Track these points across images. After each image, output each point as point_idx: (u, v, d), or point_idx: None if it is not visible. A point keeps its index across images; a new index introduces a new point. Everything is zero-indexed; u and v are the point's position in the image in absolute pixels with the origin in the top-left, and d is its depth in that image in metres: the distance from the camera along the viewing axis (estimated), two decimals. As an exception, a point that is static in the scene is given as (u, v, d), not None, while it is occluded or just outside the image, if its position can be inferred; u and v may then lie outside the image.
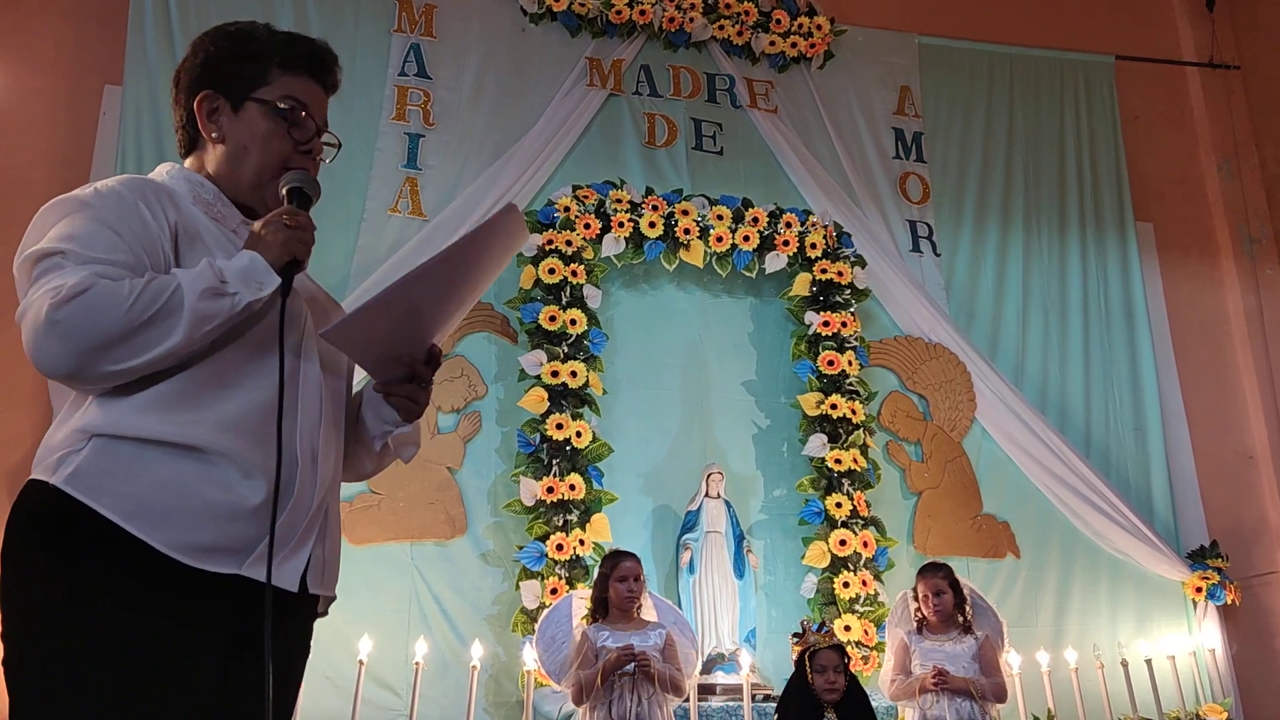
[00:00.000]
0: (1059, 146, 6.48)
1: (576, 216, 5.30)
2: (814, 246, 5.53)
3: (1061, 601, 5.53)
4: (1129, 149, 6.57)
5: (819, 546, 5.05)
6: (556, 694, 4.21)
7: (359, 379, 1.87)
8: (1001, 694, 4.07)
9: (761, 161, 5.91)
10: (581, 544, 4.73)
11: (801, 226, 5.57)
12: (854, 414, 5.26)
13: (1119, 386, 6.06)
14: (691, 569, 4.84)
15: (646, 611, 4.08)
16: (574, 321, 5.08)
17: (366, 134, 5.35)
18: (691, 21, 5.95)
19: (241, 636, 1.48)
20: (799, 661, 3.85)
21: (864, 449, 5.27)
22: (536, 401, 4.95)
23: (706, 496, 4.99)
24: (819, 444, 5.21)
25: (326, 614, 1.71)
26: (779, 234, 5.53)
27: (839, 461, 5.16)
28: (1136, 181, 6.53)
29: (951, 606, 4.19)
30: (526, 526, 4.81)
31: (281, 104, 1.69)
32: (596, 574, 4.15)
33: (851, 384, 5.33)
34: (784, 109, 6.03)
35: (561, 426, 4.89)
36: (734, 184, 5.74)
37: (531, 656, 4.13)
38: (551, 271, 5.15)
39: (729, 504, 5.02)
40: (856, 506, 5.10)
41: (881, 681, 4.32)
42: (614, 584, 3.95)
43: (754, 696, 4.22)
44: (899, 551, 5.28)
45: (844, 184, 5.96)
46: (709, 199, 5.55)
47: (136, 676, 1.38)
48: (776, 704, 4.02)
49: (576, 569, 4.69)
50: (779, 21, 6.11)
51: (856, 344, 5.43)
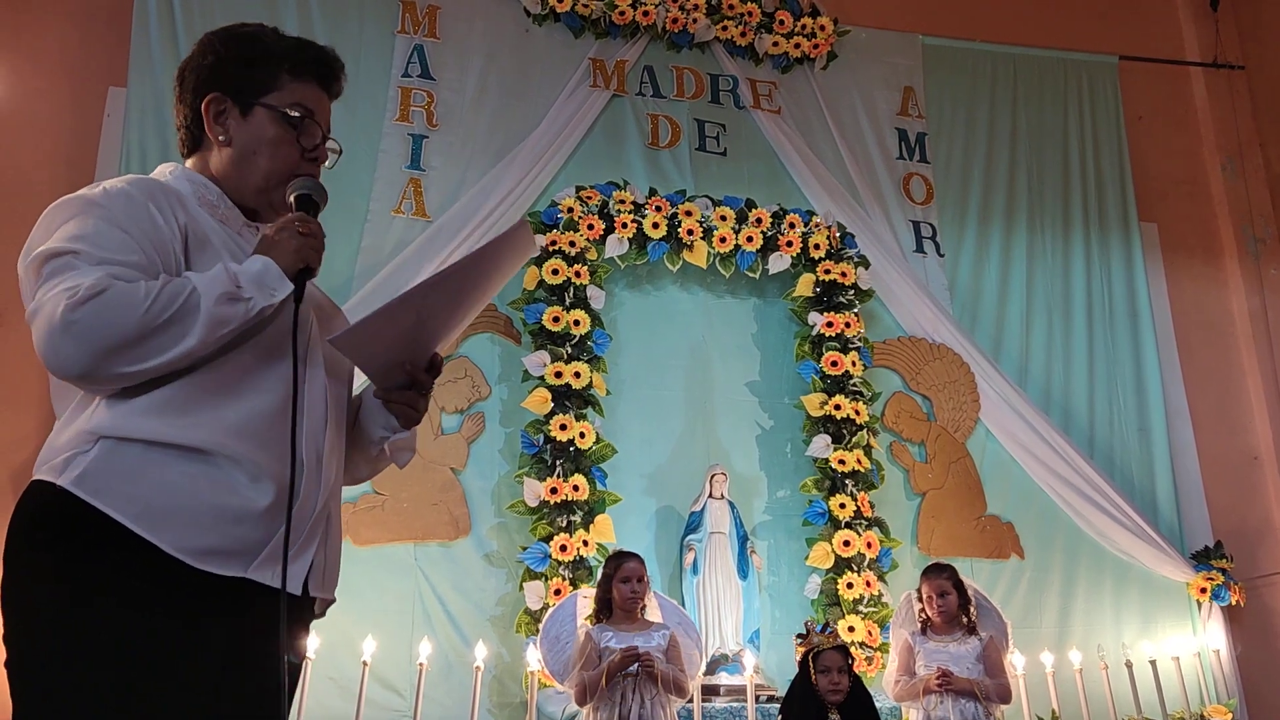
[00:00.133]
0: (1063, 147, 6.47)
1: (580, 217, 5.30)
2: (817, 247, 5.53)
3: (1066, 602, 5.52)
4: (1133, 149, 6.56)
5: (823, 547, 5.04)
6: (560, 695, 4.20)
7: (357, 383, 1.87)
8: (1006, 695, 4.07)
9: (765, 162, 5.90)
10: (585, 545, 4.73)
11: (805, 227, 5.57)
12: (858, 415, 5.26)
13: (1123, 387, 6.05)
14: (695, 570, 4.84)
15: (652, 612, 4.07)
16: (577, 322, 5.09)
17: (370, 135, 5.35)
18: (695, 22, 5.94)
19: (244, 638, 1.48)
20: (803, 662, 3.84)
21: (868, 450, 5.26)
22: (540, 402, 4.95)
23: (710, 497, 4.99)
24: (823, 445, 5.20)
25: (324, 616, 1.72)
26: (782, 235, 5.52)
27: (843, 462, 5.16)
28: (1140, 182, 6.52)
29: (956, 607, 4.19)
30: (530, 527, 4.82)
31: (291, 111, 1.70)
32: (600, 575, 4.15)
33: (855, 385, 5.33)
34: (787, 110, 6.03)
35: (565, 427, 4.89)
36: (737, 185, 5.74)
37: (535, 657, 4.13)
38: (555, 272, 5.15)
39: (733, 505, 5.01)
40: (860, 507, 5.10)
41: (885, 682, 4.32)
42: (617, 585, 3.95)
43: (757, 697, 4.22)
44: (903, 552, 5.28)
45: (847, 184, 5.96)
46: (712, 200, 5.55)
47: (140, 677, 1.38)
48: (780, 705, 4.01)
49: (580, 570, 4.69)
50: (782, 22, 6.11)
51: (860, 345, 5.43)
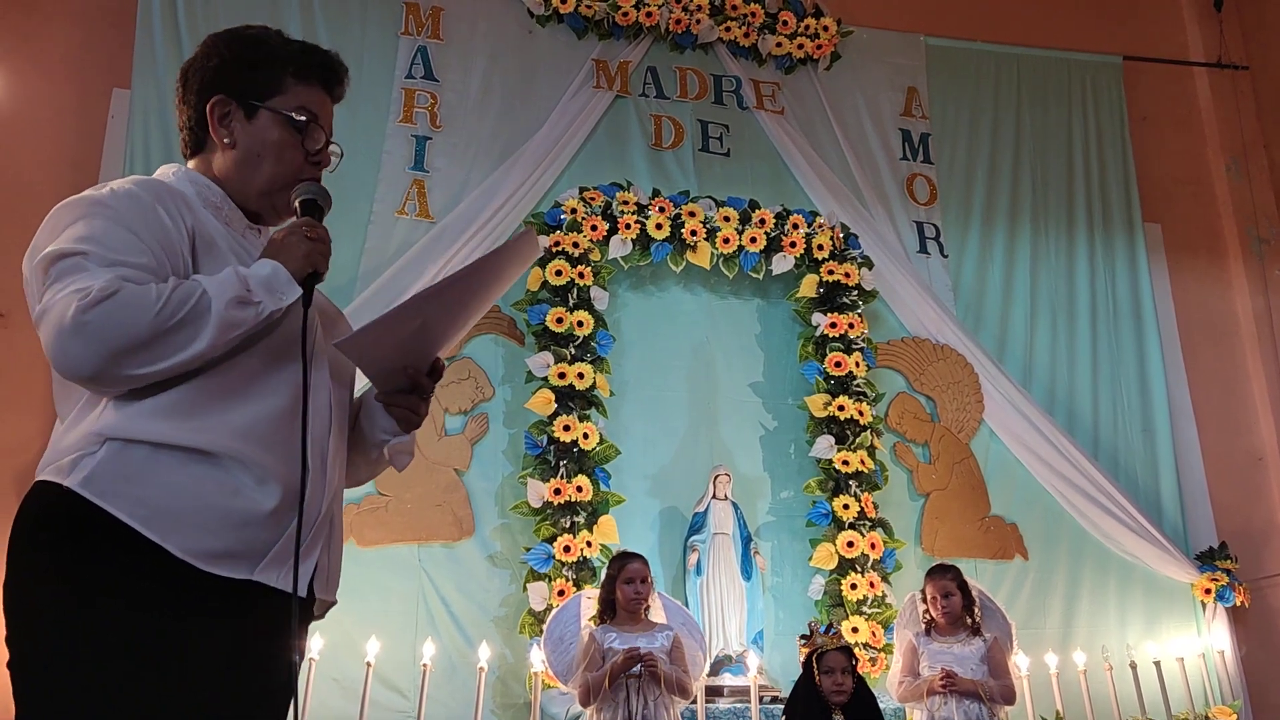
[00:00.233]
0: (1066, 147, 6.46)
1: (583, 218, 5.30)
2: (821, 248, 5.53)
3: (1070, 603, 5.51)
4: (1137, 150, 6.55)
5: (826, 548, 5.04)
6: (564, 695, 4.21)
7: (358, 386, 1.88)
8: (1010, 696, 4.06)
9: (768, 163, 5.90)
10: (589, 546, 4.73)
11: (808, 228, 5.57)
12: (861, 415, 5.25)
13: (1127, 388, 6.04)
14: (699, 571, 4.84)
15: (656, 613, 4.08)
16: (581, 323, 5.09)
17: (374, 136, 5.36)
18: (698, 23, 5.94)
19: (248, 639, 1.49)
20: (806, 663, 3.84)
21: (871, 450, 5.26)
22: (543, 403, 4.96)
23: (714, 498, 4.99)
24: (826, 445, 5.20)
25: (323, 617, 1.72)
26: (786, 235, 5.52)
27: (846, 463, 5.15)
28: (1144, 182, 6.51)
29: (960, 608, 4.19)
30: (534, 528, 4.82)
31: (297, 115, 1.70)
32: (604, 576, 4.15)
33: (859, 385, 5.32)
34: (791, 110, 6.02)
35: (568, 428, 4.89)
36: (741, 185, 5.74)
37: (539, 658, 4.13)
38: (558, 273, 5.15)
39: (736, 506, 5.01)
40: (864, 508, 5.10)
41: (889, 683, 4.32)
42: (621, 586, 3.95)
43: (761, 698, 4.22)
44: (906, 553, 5.28)
45: (851, 185, 5.95)
46: (716, 200, 5.55)
47: (146, 677, 1.39)
48: (784, 706, 4.00)
49: (584, 571, 4.69)
50: (785, 23, 6.11)
51: (864, 345, 5.42)
